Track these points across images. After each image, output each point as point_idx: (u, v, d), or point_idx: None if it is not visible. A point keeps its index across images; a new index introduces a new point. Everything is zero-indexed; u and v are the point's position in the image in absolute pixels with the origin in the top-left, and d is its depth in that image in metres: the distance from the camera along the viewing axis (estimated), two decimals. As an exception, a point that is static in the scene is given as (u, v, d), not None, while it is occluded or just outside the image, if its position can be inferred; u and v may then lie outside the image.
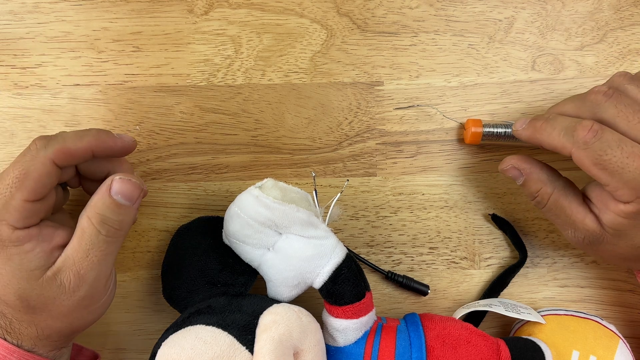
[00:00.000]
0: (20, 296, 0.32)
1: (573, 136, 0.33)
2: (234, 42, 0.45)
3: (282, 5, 0.45)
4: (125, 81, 0.44)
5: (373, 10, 0.45)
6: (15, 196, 0.32)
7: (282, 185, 0.36)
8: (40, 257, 0.32)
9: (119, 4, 0.44)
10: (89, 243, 0.33)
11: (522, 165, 0.38)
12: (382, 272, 0.44)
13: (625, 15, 0.45)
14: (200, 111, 0.44)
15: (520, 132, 0.38)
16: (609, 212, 0.34)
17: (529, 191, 0.38)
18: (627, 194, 0.33)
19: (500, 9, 0.45)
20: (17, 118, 0.44)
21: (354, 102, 0.45)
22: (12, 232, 0.32)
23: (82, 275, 0.33)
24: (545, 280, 0.45)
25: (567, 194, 0.36)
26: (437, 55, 0.45)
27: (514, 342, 0.38)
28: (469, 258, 0.45)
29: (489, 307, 0.40)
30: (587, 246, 0.37)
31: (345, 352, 0.37)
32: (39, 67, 0.44)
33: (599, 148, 0.32)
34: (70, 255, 0.33)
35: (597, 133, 0.33)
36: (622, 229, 0.34)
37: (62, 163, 0.33)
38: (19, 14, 0.44)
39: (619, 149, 0.32)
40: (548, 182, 0.37)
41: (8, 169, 0.33)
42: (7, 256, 0.32)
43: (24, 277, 0.32)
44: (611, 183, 0.33)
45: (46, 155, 0.33)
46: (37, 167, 0.32)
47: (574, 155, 0.34)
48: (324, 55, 0.45)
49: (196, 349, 0.32)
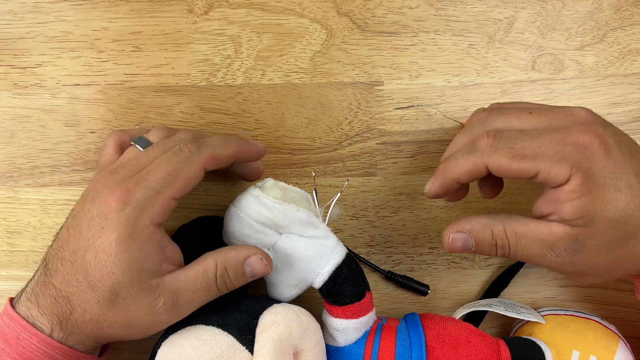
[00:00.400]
0: (114, 288, 0.32)
1: (477, 150, 0.33)
2: (234, 42, 0.45)
3: (282, 5, 0.45)
4: (125, 81, 0.44)
5: (373, 10, 0.45)
6: (165, 191, 0.33)
7: (282, 185, 0.36)
8: (154, 263, 0.33)
9: (119, 3, 0.44)
10: (203, 284, 0.34)
11: (461, 228, 0.34)
12: (382, 272, 0.44)
13: (626, 15, 0.45)
14: (201, 111, 0.44)
15: (432, 189, 0.35)
16: (564, 204, 0.32)
17: (484, 243, 0.34)
18: (561, 171, 0.31)
19: (501, 8, 0.45)
20: (16, 118, 0.44)
21: (354, 102, 0.45)
22: (148, 226, 0.32)
23: (178, 305, 0.33)
24: (545, 280, 0.45)
25: (518, 220, 0.34)
26: (437, 55, 0.45)
27: (514, 342, 0.38)
28: (469, 258, 0.45)
29: (489, 307, 0.40)
30: (574, 257, 0.33)
31: (345, 352, 0.37)
32: (38, 67, 0.44)
33: (507, 144, 0.32)
34: (181, 282, 0.33)
35: (496, 135, 0.32)
36: (586, 211, 0.31)
37: (209, 168, 0.35)
38: (19, 14, 0.44)
39: (525, 136, 0.32)
40: (494, 222, 0.34)
41: (159, 164, 0.33)
42: (130, 248, 0.32)
43: (131, 273, 0.32)
44: (540, 167, 0.31)
45: (199, 159, 0.34)
46: (189, 169, 0.33)
47: (489, 163, 0.32)
48: (324, 55, 0.45)
49: (196, 349, 0.32)
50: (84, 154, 0.44)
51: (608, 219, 0.31)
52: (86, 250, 0.32)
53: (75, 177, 0.44)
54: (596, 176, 0.31)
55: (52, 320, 0.33)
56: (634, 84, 0.45)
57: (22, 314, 0.33)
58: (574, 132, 0.32)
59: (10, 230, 0.43)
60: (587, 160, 0.31)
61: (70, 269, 0.32)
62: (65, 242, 0.33)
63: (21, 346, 0.32)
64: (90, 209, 0.33)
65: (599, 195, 0.31)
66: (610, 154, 0.31)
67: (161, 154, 0.34)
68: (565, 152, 0.31)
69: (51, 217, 0.43)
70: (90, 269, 0.32)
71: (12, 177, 0.44)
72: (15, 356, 0.32)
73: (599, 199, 0.31)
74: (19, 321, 0.33)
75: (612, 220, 0.31)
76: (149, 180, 0.33)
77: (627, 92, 0.45)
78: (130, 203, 0.32)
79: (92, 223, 0.32)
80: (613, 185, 0.31)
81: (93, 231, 0.32)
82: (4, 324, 0.33)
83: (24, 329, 0.32)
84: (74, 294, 0.32)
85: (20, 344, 0.32)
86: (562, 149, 0.31)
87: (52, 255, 0.33)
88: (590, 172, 0.31)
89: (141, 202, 0.32)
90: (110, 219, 0.32)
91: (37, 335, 0.32)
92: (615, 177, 0.31)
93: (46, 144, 0.44)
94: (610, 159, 0.31)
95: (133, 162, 0.34)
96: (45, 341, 0.32)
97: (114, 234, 0.31)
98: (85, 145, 0.44)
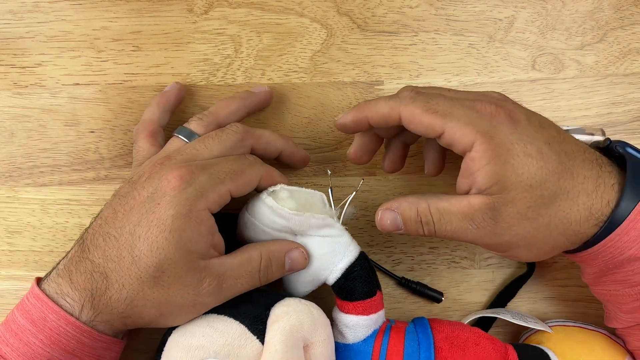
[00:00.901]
0: (160, 264, 0.32)
1: (399, 97, 0.34)
2: (233, 42, 0.45)
3: (282, 5, 0.45)
4: (125, 81, 0.44)
5: (373, 9, 0.45)
6: (227, 183, 0.34)
7: (295, 191, 0.36)
8: (205, 245, 0.33)
9: (119, 3, 0.44)
10: (247, 272, 0.35)
11: (390, 206, 0.35)
12: (397, 277, 0.44)
13: (626, 14, 0.45)
14: (201, 111, 0.44)
15: (342, 118, 0.36)
16: (476, 174, 0.32)
17: (411, 220, 0.35)
18: (466, 134, 0.32)
19: (501, 8, 0.45)
20: (16, 117, 0.44)
21: (354, 102, 0.45)
22: (204, 209, 0.33)
23: (221, 288, 0.34)
24: (545, 280, 0.45)
25: (441, 197, 0.34)
26: (437, 54, 0.45)
27: (522, 348, 0.38)
28: (469, 257, 0.44)
29: (496, 314, 0.40)
30: (494, 226, 0.32)
31: (353, 349, 0.37)
32: (38, 66, 0.44)
33: (425, 98, 0.34)
34: (227, 267, 0.34)
35: (419, 91, 0.34)
36: (498, 177, 0.31)
37: (260, 184, 0.36)
38: (19, 13, 0.44)
39: (441, 97, 0.34)
40: (419, 200, 0.34)
41: (226, 161, 0.35)
42: (185, 226, 0.32)
43: (182, 251, 0.32)
44: (447, 125, 0.32)
45: (260, 170, 0.36)
46: (252, 173, 0.35)
47: (403, 112, 0.34)
48: (323, 55, 0.45)
49: (207, 336, 0.33)
50: (84, 154, 0.44)
51: (522, 184, 0.31)
52: (137, 224, 0.32)
53: (75, 176, 0.44)
54: (503, 142, 0.32)
55: (84, 296, 0.32)
56: (634, 83, 0.45)
57: (51, 291, 0.33)
58: (483, 102, 0.33)
59: (10, 230, 0.43)
60: (493, 127, 0.32)
61: (114, 244, 0.33)
62: (112, 219, 0.33)
63: (48, 328, 0.32)
64: (146, 187, 0.33)
65: (509, 159, 0.31)
66: (518, 124, 0.32)
67: (218, 147, 0.36)
68: (472, 117, 0.32)
69: (51, 217, 0.43)
70: (139, 243, 0.32)
71: (11, 177, 0.44)
72: (42, 338, 0.32)
73: (510, 164, 0.31)
74: (46, 302, 0.32)
75: (527, 185, 0.32)
76: (215, 170, 0.34)
77: (627, 91, 0.45)
78: (193, 184, 0.33)
79: (148, 199, 0.33)
80: (522, 151, 0.32)
81: (148, 207, 0.32)
82: (29, 304, 0.33)
83: (51, 311, 0.32)
84: (114, 270, 0.32)
85: (47, 326, 0.32)
86: (470, 114, 0.32)
87: (93, 232, 0.34)
88: (496, 139, 0.32)
89: (204, 186, 0.33)
90: (169, 195, 0.32)
91: (66, 318, 0.32)
92: (524, 143, 0.32)
93: (46, 143, 0.44)
94: (517, 128, 0.32)
95: (190, 150, 0.36)
96: (73, 324, 0.32)
97: (171, 210, 0.32)
98: (85, 145, 0.44)
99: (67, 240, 0.43)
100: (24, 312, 0.33)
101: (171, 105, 0.42)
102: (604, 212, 0.32)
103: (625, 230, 0.32)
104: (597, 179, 0.33)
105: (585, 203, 0.32)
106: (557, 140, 0.33)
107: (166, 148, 0.38)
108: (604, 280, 0.36)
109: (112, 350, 0.35)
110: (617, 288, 0.35)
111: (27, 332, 0.32)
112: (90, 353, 0.33)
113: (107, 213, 0.34)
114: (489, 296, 0.44)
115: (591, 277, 0.37)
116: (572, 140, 0.34)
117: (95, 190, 0.43)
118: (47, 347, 0.32)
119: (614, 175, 0.33)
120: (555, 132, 0.34)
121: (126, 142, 0.44)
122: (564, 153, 0.33)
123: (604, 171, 0.33)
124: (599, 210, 0.32)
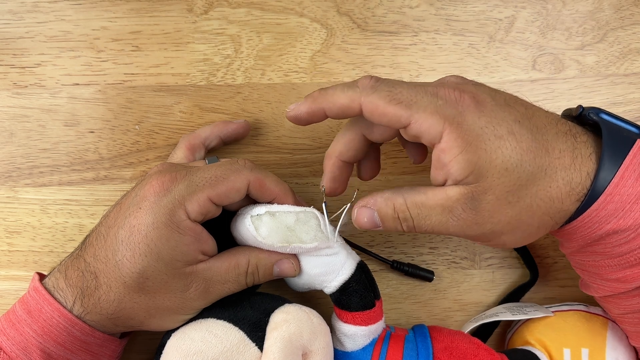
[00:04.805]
0: (143, 272, 0.32)
1: (358, 86, 0.32)
2: (233, 42, 0.44)
3: (282, 5, 0.45)
4: (124, 81, 0.44)
5: (373, 9, 0.45)
6: (205, 190, 0.33)
7: (283, 213, 0.35)
8: (190, 254, 0.33)
9: (119, 3, 0.44)
10: (234, 277, 0.35)
11: (366, 203, 0.34)
12: (388, 262, 0.43)
13: (626, 14, 0.45)
14: (200, 111, 0.44)
15: (295, 109, 0.34)
16: (450, 165, 0.31)
17: (388, 217, 0.33)
18: (433, 124, 0.30)
19: (501, 8, 0.45)
20: (16, 117, 0.44)
21: (354, 102, 0.44)
22: (184, 219, 0.33)
23: (208, 292, 0.34)
24: (545, 280, 0.45)
25: (417, 190, 0.33)
26: (438, 54, 0.45)
27: (514, 355, 0.38)
28: (470, 258, 0.44)
29: (495, 317, 0.40)
30: (475, 216, 0.31)
31: (352, 357, 0.37)
32: (38, 66, 0.44)
33: (386, 87, 0.31)
34: (214, 272, 0.34)
35: (378, 79, 0.32)
36: (473, 165, 0.30)
37: (251, 192, 0.35)
38: (18, 13, 0.44)
39: (403, 84, 0.32)
40: (395, 195, 0.33)
41: (210, 167, 0.35)
42: (167, 236, 0.32)
43: (165, 260, 0.32)
44: (413, 116, 0.30)
45: (248, 176, 0.34)
46: (235, 179, 0.34)
47: (365, 103, 0.31)
48: (324, 55, 0.45)
49: (206, 342, 0.33)
50: (84, 154, 0.44)
51: (497, 168, 0.30)
52: (121, 227, 0.32)
53: (75, 176, 0.44)
54: (472, 128, 0.30)
55: (76, 293, 0.33)
56: (634, 83, 0.45)
57: (49, 284, 0.34)
58: (445, 88, 0.32)
59: (10, 230, 0.43)
60: (459, 114, 0.30)
61: (102, 244, 0.33)
62: (105, 217, 0.34)
63: (42, 319, 0.33)
64: (135, 189, 0.34)
65: (481, 145, 0.30)
66: (484, 106, 0.31)
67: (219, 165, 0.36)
68: (437, 105, 0.31)
69: (50, 217, 0.43)
70: (122, 247, 0.32)
71: (11, 177, 0.43)
72: (36, 328, 0.33)
73: (482, 149, 0.30)
74: (43, 294, 0.33)
75: (502, 169, 0.30)
76: (195, 177, 0.34)
77: (627, 91, 0.45)
78: (172, 192, 0.33)
79: (132, 202, 0.33)
80: (492, 134, 0.30)
81: (131, 210, 0.33)
82: (29, 296, 0.34)
83: (47, 303, 0.33)
84: (102, 271, 0.33)
85: (42, 317, 0.33)
86: (435, 101, 0.31)
87: (93, 230, 0.34)
88: (464, 126, 0.30)
89: (182, 194, 0.33)
90: (148, 201, 0.32)
91: (59, 310, 0.33)
92: (493, 126, 0.30)
93: (45, 143, 0.44)
94: (483, 111, 0.31)
95: (193, 165, 0.36)
96: (66, 317, 0.33)
97: (151, 217, 0.32)
98: (85, 145, 0.44)
99: (67, 240, 0.43)
100: (23, 304, 0.34)
101: (225, 134, 0.42)
102: (584, 185, 0.31)
103: (602, 205, 0.31)
104: (574, 150, 0.31)
105: (565, 178, 0.31)
106: (526, 117, 0.31)
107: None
108: (582, 251, 0.34)
109: (107, 348, 0.35)
110: (595, 259, 0.33)
111: (23, 322, 0.33)
112: (82, 347, 0.33)
113: (108, 211, 0.35)
114: (489, 296, 0.44)
115: (570, 249, 0.35)
116: (542, 113, 0.33)
117: (95, 190, 0.43)
118: (39, 337, 0.32)
119: (590, 144, 0.32)
120: (523, 108, 0.32)
121: (126, 142, 0.44)
122: (535, 129, 0.31)
123: (579, 141, 0.32)
124: (579, 184, 0.31)
